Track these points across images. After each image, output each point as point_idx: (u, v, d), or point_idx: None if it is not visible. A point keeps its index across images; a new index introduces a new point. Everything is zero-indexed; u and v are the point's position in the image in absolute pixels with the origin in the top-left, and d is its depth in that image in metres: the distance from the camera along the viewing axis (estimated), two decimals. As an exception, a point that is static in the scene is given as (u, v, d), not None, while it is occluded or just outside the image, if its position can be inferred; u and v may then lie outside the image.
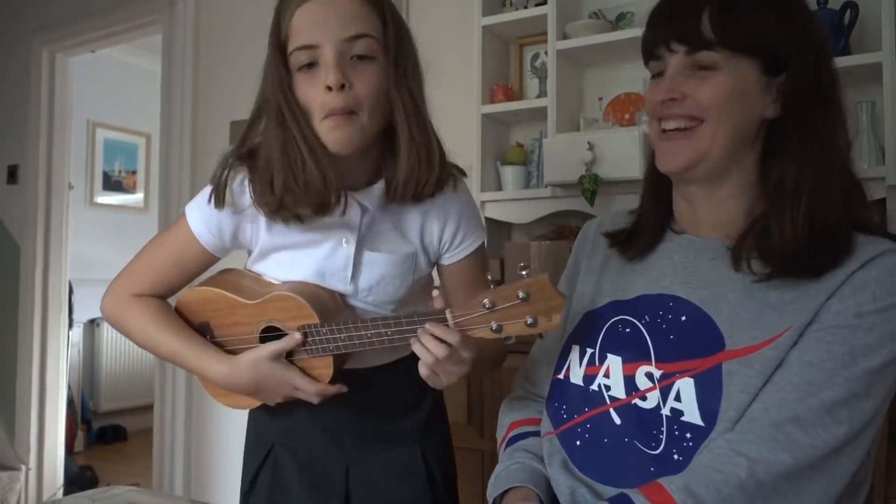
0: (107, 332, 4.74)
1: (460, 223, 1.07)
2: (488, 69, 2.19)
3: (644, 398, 0.86)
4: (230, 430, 2.79)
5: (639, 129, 1.89)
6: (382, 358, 1.09)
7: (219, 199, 1.01)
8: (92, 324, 4.74)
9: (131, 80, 4.75)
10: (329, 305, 1.03)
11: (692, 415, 0.81)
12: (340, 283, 1.04)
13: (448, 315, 0.89)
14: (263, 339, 1.04)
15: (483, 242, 1.11)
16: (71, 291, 3.71)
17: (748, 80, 0.85)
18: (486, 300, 0.87)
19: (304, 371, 1.02)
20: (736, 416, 0.78)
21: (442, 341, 0.89)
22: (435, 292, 1.15)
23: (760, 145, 0.88)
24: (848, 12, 1.73)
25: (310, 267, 1.04)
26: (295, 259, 1.04)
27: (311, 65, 0.93)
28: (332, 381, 1.02)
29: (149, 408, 3.21)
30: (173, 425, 2.93)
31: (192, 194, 3.47)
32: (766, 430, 0.75)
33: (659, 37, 0.88)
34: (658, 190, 0.98)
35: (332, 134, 0.93)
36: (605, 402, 0.90)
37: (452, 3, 2.34)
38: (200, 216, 1.05)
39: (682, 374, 0.83)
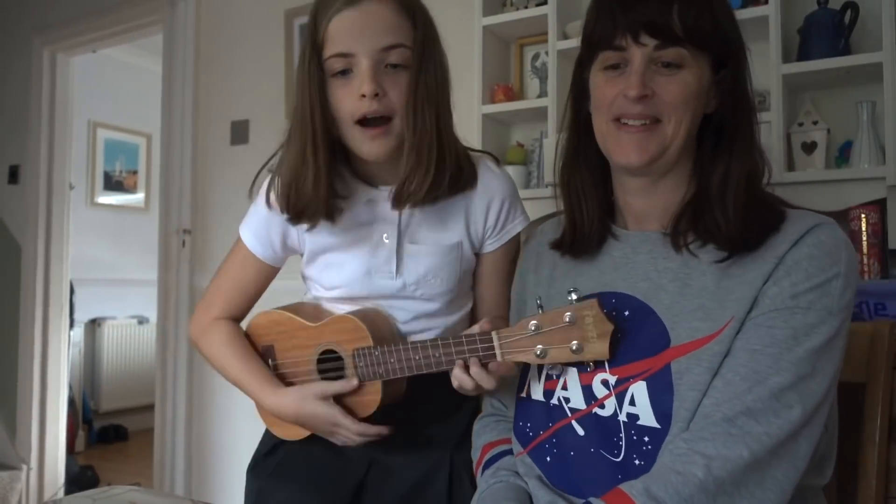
0: (108, 332, 4.74)
1: (503, 205, 1.07)
2: (489, 69, 2.18)
3: (602, 406, 0.86)
4: (231, 429, 2.79)
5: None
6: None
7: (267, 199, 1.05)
8: (93, 324, 4.74)
9: (132, 80, 4.75)
10: (384, 331, 1.04)
11: (647, 418, 0.81)
12: (387, 279, 1.05)
13: (494, 337, 0.89)
14: (321, 361, 1.07)
15: (523, 229, 1.12)
16: (72, 291, 3.72)
17: (704, 78, 0.86)
18: (532, 322, 0.86)
19: (351, 400, 1.03)
20: (689, 414, 0.78)
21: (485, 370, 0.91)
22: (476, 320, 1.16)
23: (695, 138, 0.89)
24: (848, 12, 1.73)
25: (356, 265, 1.06)
26: (342, 259, 1.07)
27: (346, 71, 0.95)
28: (380, 410, 1.02)
29: (150, 408, 3.21)
30: (174, 425, 2.93)
31: (194, 194, 3.43)
32: (720, 425, 0.75)
33: (624, 26, 0.84)
34: (591, 179, 0.96)
35: (367, 144, 0.97)
36: (567, 414, 0.89)
37: (453, 3, 2.34)
38: (250, 230, 1.11)
39: (635, 378, 0.83)
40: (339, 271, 1.07)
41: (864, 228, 1.62)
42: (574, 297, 0.84)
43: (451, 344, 0.92)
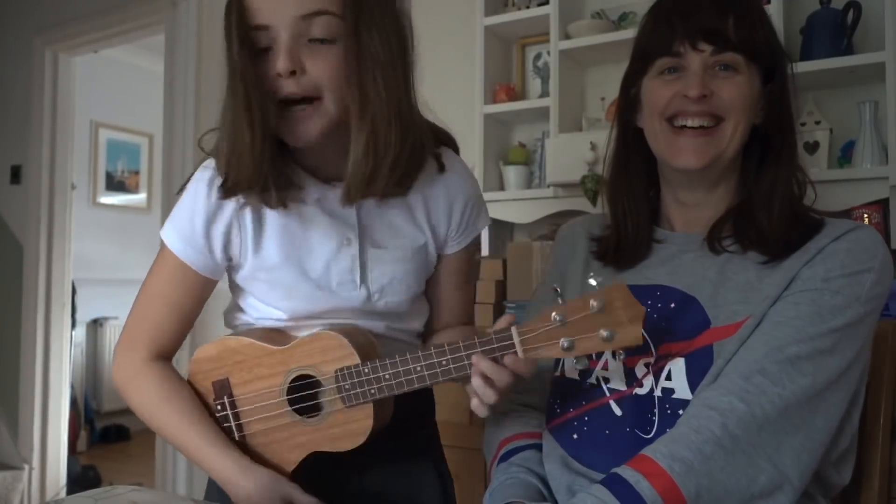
0: (109, 332, 4.75)
1: (467, 206, 0.98)
2: (490, 69, 2.18)
3: (641, 385, 0.88)
4: (232, 429, 2.78)
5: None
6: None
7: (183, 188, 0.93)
8: (95, 324, 4.75)
9: (134, 80, 4.76)
10: (366, 347, 0.92)
11: (683, 391, 0.83)
12: (350, 290, 0.94)
13: (514, 333, 0.80)
14: (291, 391, 0.92)
15: (485, 229, 1.04)
16: (74, 291, 3.72)
17: (755, 87, 0.90)
18: (554, 313, 0.78)
19: (335, 431, 0.90)
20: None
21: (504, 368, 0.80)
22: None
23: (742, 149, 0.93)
24: (851, 12, 1.72)
25: (312, 278, 0.93)
26: (294, 273, 0.93)
27: (268, 49, 0.83)
28: (374, 433, 0.90)
29: (151, 407, 3.20)
30: (176, 425, 2.93)
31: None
32: (735, 382, 0.78)
33: (682, 33, 0.89)
34: (638, 191, 0.98)
35: (292, 126, 0.85)
36: (605, 394, 0.91)
37: (454, 3, 2.34)
38: (178, 233, 0.93)
39: (673, 355, 0.85)
40: (290, 288, 0.93)
41: (866, 228, 1.62)
42: (593, 282, 0.79)
43: (460, 348, 0.82)
